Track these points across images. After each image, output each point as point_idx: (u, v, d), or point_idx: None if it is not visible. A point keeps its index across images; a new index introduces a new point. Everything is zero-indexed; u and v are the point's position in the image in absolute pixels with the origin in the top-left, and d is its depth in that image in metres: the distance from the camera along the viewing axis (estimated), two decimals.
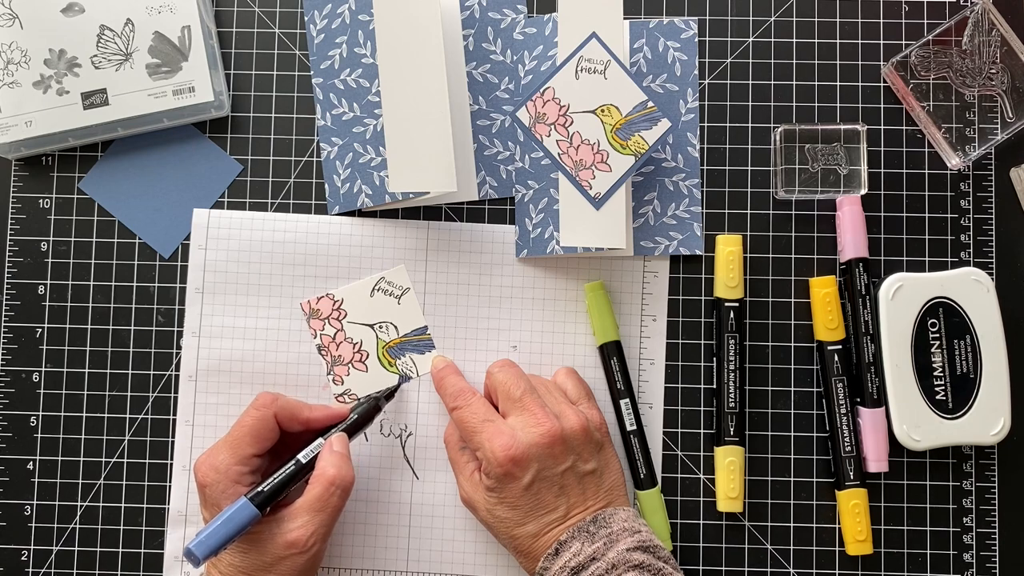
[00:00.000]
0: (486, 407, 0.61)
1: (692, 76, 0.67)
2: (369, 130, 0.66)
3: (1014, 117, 0.65)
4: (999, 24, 0.65)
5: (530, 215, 0.65)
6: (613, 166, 0.61)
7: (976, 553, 0.64)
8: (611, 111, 0.61)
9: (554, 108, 0.62)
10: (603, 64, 0.61)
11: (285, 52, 0.68)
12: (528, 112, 0.62)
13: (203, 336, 0.66)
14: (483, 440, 0.58)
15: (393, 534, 0.65)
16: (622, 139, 0.61)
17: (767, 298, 0.66)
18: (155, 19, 0.65)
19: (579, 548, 0.56)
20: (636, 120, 0.61)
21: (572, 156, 0.61)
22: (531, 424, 0.58)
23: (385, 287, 0.66)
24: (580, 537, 0.56)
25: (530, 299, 0.66)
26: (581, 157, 0.61)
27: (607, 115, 0.61)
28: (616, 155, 0.61)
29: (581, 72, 0.61)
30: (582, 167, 0.61)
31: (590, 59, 0.61)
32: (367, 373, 0.66)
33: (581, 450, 0.59)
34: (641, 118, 0.61)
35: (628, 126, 0.61)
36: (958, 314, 0.63)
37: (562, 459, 0.58)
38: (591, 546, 0.56)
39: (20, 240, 0.67)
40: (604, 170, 0.61)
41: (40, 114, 0.65)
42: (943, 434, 0.63)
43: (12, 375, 0.66)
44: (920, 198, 0.66)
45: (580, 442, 0.59)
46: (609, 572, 0.54)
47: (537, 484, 0.57)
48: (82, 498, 0.66)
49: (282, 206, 0.67)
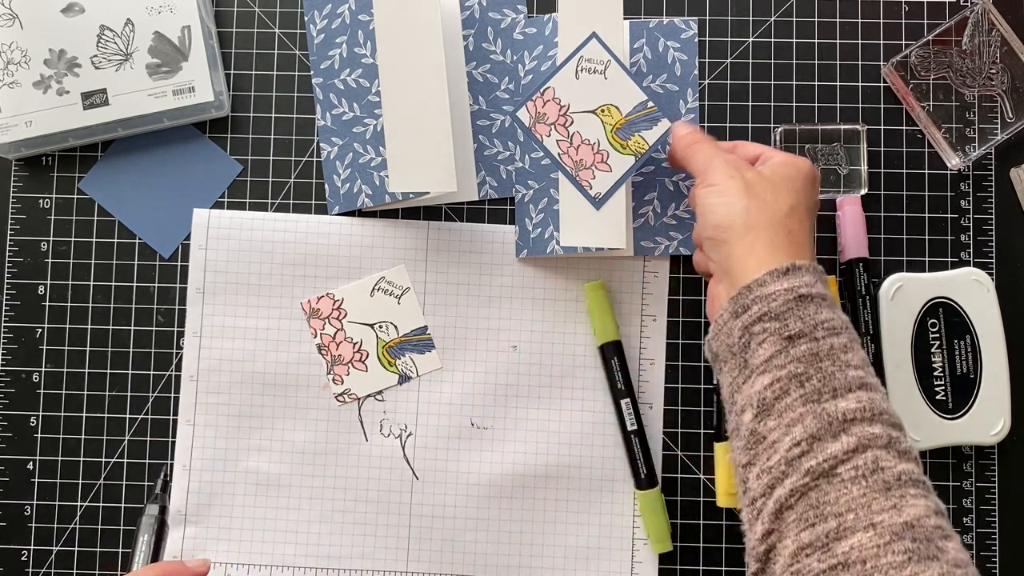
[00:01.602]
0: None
1: (692, 76, 0.67)
2: (369, 130, 0.66)
3: (1014, 117, 0.65)
4: (999, 24, 0.65)
5: (530, 215, 0.65)
6: (613, 166, 0.61)
7: (976, 553, 0.64)
8: (611, 111, 0.61)
9: (554, 108, 0.62)
10: (603, 64, 0.61)
11: (285, 52, 0.68)
12: (528, 112, 0.62)
13: (204, 336, 0.66)
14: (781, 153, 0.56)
15: (393, 534, 0.65)
16: (622, 139, 0.61)
17: None
18: (155, 19, 0.65)
19: (812, 281, 0.50)
20: (636, 120, 0.61)
21: (572, 156, 0.61)
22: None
23: (385, 287, 0.66)
24: (814, 273, 0.51)
25: (530, 299, 0.66)
26: (581, 157, 0.61)
27: (607, 115, 0.61)
28: (616, 155, 0.61)
29: (581, 72, 0.61)
30: (582, 167, 0.61)
31: (590, 59, 0.61)
32: (367, 372, 0.66)
33: None
34: (641, 118, 0.61)
35: (628, 126, 0.61)
36: (958, 314, 0.63)
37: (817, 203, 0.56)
38: (823, 289, 0.51)
39: (20, 240, 0.67)
40: (604, 170, 0.61)
41: (40, 114, 0.65)
42: (943, 434, 0.63)
43: (12, 375, 0.66)
44: (920, 198, 0.66)
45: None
46: (844, 330, 0.49)
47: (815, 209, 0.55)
48: (82, 498, 0.66)
49: (282, 206, 0.67)
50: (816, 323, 0.49)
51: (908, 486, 0.45)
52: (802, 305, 0.49)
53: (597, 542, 0.65)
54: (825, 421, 0.46)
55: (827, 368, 0.48)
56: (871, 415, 0.46)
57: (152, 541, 0.63)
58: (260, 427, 0.65)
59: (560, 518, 0.65)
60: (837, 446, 0.45)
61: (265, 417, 0.65)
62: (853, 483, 0.45)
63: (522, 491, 0.65)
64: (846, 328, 0.50)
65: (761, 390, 0.48)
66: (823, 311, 0.49)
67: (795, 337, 0.49)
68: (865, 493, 0.44)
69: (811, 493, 0.45)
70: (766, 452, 0.47)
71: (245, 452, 0.65)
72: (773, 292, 0.50)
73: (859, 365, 0.48)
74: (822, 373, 0.48)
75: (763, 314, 0.49)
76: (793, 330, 0.49)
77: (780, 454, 0.47)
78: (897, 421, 0.48)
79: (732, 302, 0.51)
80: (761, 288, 0.50)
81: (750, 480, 0.48)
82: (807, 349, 0.48)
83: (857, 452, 0.45)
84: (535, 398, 0.65)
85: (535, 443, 0.65)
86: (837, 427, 0.46)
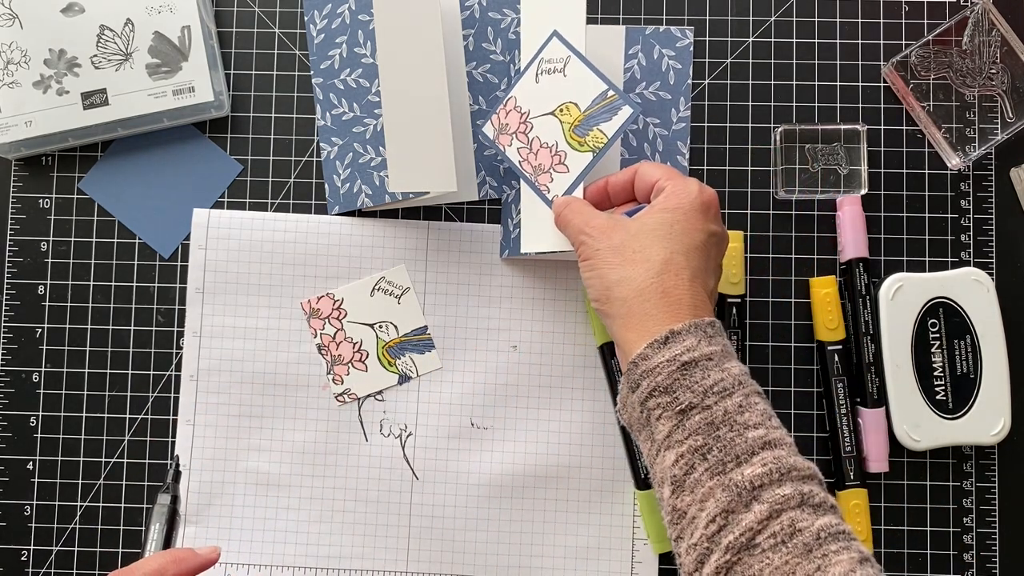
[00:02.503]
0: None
1: (685, 85, 0.66)
2: (369, 130, 0.66)
3: (1014, 117, 0.65)
4: (999, 24, 0.65)
5: (512, 215, 0.65)
6: (571, 166, 0.60)
7: (976, 553, 0.64)
8: (569, 109, 0.60)
9: (516, 117, 0.61)
10: (563, 61, 0.60)
11: (285, 52, 0.68)
12: (492, 125, 0.62)
13: (204, 336, 0.66)
14: (674, 180, 0.54)
15: (393, 534, 0.65)
16: (579, 136, 0.60)
17: (767, 298, 0.66)
18: (155, 19, 0.65)
19: (694, 344, 0.49)
20: (595, 114, 0.59)
21: (531, 162, 0.61)
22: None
23: (385, 287, 0.66)
24: (696, 333, 0.50)
25: (530, 299, 0.66)
26: (540, 162, 0.61)
27: (565, 114, 0.60)
28: (574, 154, 0.60)
29: (541, 75, 0.61)
30: (541, 171, 0.61)
31: (550, 59, 0.60)
32: (367, 372, 0.66)
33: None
34: (600, 110, 0.59)
35: (586, 121, 0.60)
36: (958, 314, 0.63)
37: (724, 236, 0.55)
38: (708, 347, 0.49)
39: (20, 240, 0.67)
40: (562, 171, 0.60)
41: (40, 114, 0.65)
42: (943, 434, 0.63)
43: (12, 375, 0.66)
44: (920, 198, 0.66)
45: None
46: (736, 388, 0.48)
47: (709, 243, 0.53)
48: (82, 498, 0.66)
49: (282, 206, 0.67)
50: (705, 390, 0.48)
51: (829, 542, 0.44)
52: (688, 373, 0.49)
53: (597, 542, 0.65)
54: (734, 492, 0.46)
55: (725, 436, 0.47)
56: (779, 476, 0.46)
57: (164, 530, 0.63)
58: (260, 427, 0.65)
59: (560, 518, 0.65)
60: (751, 516, 0.45)
61: (265, 417, 0.65)
62: (774, 551, 0.44)
63: (522, 491, 0.65)
64: (738, 384, 0.49)
65: (670, 466, 0.48)
66: (711, 373, 0.49)
67: (687, 410, 0.48)
68: (787, 560, 0.44)
69: (736, 567, 0.45)
70: (688, 528, 0.47)
71: (245, 452, 0.65)
72: (657, 366, 0.49)
73: (758, 423, 0.48)
74: (721, 442, 0.47)
75: (653, 389, 0.49)
76: (683, 403, 0.48)
77: (700, 530, 0.46)
78: (807, 472, 0.47)
79: (626, 377, 0.51)
80: (645, 362, 0.50)
81: (682, 555, 0.48)
82: (701, 419, 0.48)
83: (771, 519, 0.45)
84: (535, 398, 0.65)
85: (535, 443, 0.65)
86: (747, 496, 0.46)
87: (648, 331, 0.50)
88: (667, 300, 0.51)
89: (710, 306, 0.52)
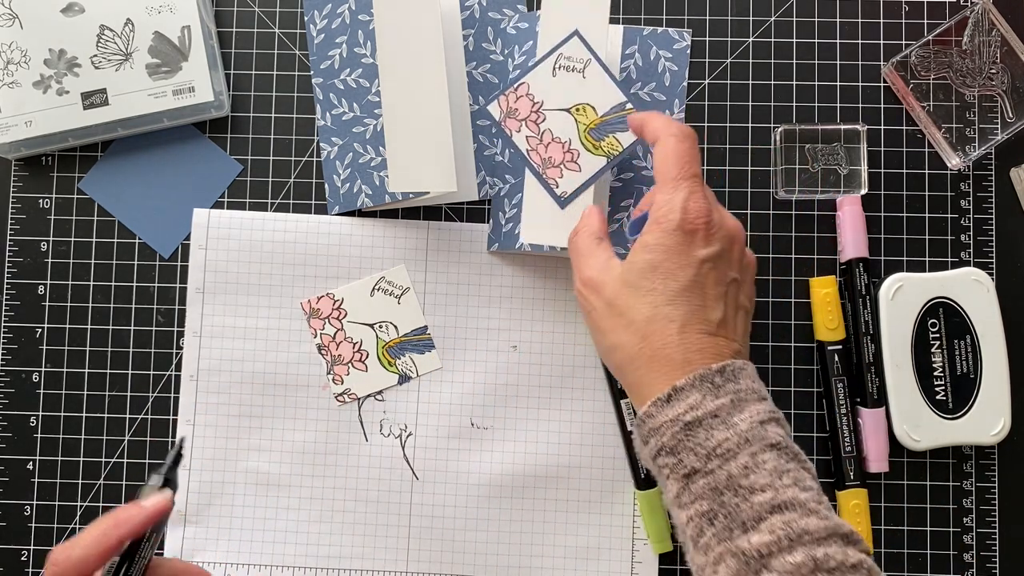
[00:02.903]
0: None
1: (681, 88, 0.66)
2: (369, 130, 0.66)
3: (1014, 117, 0.65)
4: (999, 24, 0.65)
5: (504, 209, 0.65)
6: (583, 166, 0.60)
7: (976, 553, 0.64)
8: (586, 110, 0.60)
9: (527, 104, 0.61)
10: (583, 63, 0.60)
11: (285, 52, 0.68)
12: (500, 106, 0.62)
13: (204, 336, 0.66)
14: (663, 190, 0.51)
15: (393, 534, 0.65)
16: (595, 139, 0.60)
17: (767, 298, 0.66)
18: (155, 19, 0.65)
19: (698, 400, 0.47)
20: (612, 121, 0.60)
21: (541, 153, 0.61)
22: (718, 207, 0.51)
23: (385, 287, 0.66)
24: (701, 387, 0.47)
25: (530, 299, 0.66)
26: (550, 155, 0.61)
27: (582, 114, 0.60)
28: (587, 155, 0.60)
29: (559, 70, 0.61)
30: (550, 164, 0.61)
31: (569, 56, 0.61)
32: (367, 372, 0.66)
33: (743, 277, 0.52)
34: (618, 119, 0.60)
35: (603, 127, 0.60)
36: (958, 314, 0.63)
37: (737, 265, 0.52)
38: (714, 401, 0.47)
39: (20, 240, 0.67)
40: (573, 169, 0.60)
41: (40, 114, 0.65)
42: (943, 434, 0.63)
43: (12, 375, 0.66)
44: (920, 198, 0.66)
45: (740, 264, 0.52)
46: (742, 447, 0.46)
47: (702, 273, 0.50)
48: (82, 498, 0.66)
49: (282, 206, 0.67)
50: (708, 452, 0.47)
51: None
52: (691, 434, 0.47)
53: (597, 542, 0.65)
54: (743, 561, 0.44)
55: (730, 502, 0.45)
56: (788, 543, 0.44)
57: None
58: (260, 427, 0.65)
59: (560, 518, 0.65)
60: None
61: (265, 417, 0.65)
62: None
63: (522, 491, 0.65)
64: (744, 443, 0.47)
65: (683, 525, 0.48)
66: (715, 433, 0.47)
67: (691, 475, 0.47)
68: None
69: None
70: None
71: (245, 452, 0.65)
72: (661, 425, 0.48)
73: (765, 485, 0.46)
74: (726, 509, 0.45)
75: (659, 449, 0.48)
76: (688, 467, 0.47)
77: None
78: (822, 533, 0.44)
79: (637, 430, 0.51)
80: (651, 420, 0.49)
81: None
82: (705, 484, 0.46)
83: None
84: (535, 398, 0.65)
85: (535, 443, 0.65)
86: (756, 565, 0.44)
87: (650, 389, 0.49)
88: (656, 364, 0.49)
89: (716, 344, 0.50)
